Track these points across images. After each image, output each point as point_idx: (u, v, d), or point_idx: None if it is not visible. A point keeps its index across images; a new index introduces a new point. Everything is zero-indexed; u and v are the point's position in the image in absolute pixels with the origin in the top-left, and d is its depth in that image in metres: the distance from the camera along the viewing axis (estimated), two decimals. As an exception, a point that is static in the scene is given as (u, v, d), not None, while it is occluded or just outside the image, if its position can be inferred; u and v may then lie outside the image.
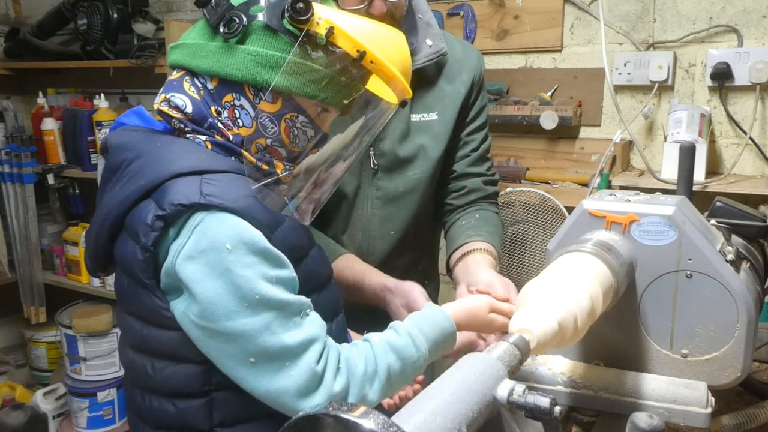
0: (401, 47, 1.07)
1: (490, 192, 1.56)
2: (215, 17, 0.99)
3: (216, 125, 1.03)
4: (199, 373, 1.01)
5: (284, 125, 1.03)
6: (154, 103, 1.06)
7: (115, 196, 1.01)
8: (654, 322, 1.01)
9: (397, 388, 1.04)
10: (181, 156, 0.99)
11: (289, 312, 0.96)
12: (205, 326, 0.94)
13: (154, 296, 0.99)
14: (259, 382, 0.95)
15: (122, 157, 1.03)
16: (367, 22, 1.04)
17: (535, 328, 0.79)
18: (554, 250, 1.04)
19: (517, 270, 2.05)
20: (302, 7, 0.95)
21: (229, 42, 0.99)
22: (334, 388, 0.96)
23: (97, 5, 2.78)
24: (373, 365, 1.00)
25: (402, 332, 1.03)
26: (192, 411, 1.02)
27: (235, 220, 0.95)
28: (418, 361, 1.02)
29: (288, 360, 0.94)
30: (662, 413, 0.96)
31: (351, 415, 0.53)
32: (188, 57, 1.03)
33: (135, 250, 0.97)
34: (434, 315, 1.06)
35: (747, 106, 2.00)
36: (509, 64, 2.34)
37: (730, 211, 1.20)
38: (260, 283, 0.93)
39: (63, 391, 2.93)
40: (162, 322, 1.00)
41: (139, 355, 1.05)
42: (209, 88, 1.03)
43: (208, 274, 0.93)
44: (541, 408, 0.66)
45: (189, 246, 0.94)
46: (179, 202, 0.94)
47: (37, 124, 3.05)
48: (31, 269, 3.14)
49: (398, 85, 1.04)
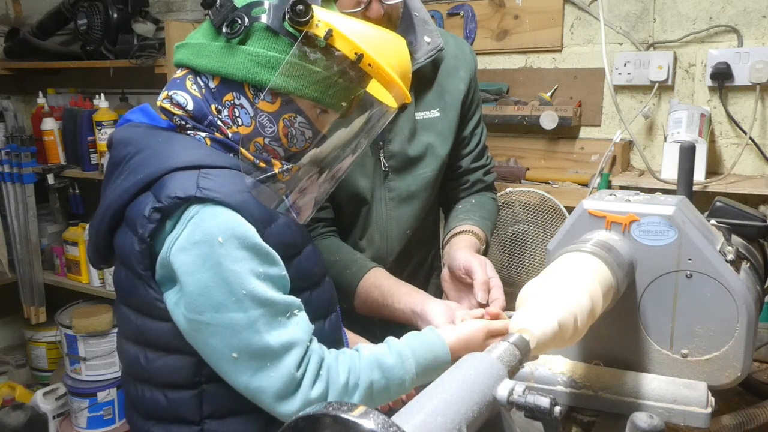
0: (401, 52, 1.08)
1: (489, 181, 1.62)
2: (219, 18, 1.01)
3: (216, 123, 1.05)
4: (190, 365, 1.03)
5: (282, 125, 1.04)
6: (158, 100, 1.08)
7: (117, 189, 1.04)
8: (654, 322, 1.01)
9: (378, 404, 1.05)
10: (180, 151, 1.01)
11: (275, 311, 0.97)
12: (192, 318, 0.96)
13: (149, 287, 1.01)
14: (239, 378, 0.97)
15: (125, 151, 1.06)
16: (367, 26, 1.05)
17: (535, 328, 0.79)
18: (554, 250, 1.04)
19: (517, 270, 2.04)
20: (302, 9, 0.97)
21: (231, 42, 1.01)
22: (311, 394, 0.97)
23: (97, 5, 2.78)
24: (356, 378, 1.01)
25: (393, 351, 1.04)
26: (182, 402, 1.04)
27: (229, 214, 0.96)
28: (404, 383, 1.04)
29: (269, 360, 0.96)
30: (662, 413, 0.96)
31: (351, 415, 0.53)
32: (192, 56, 1.05)
33: (133, 241, 1.00)
34: (431, 341, 1.07)
35: (747, 106, 2.00)
36: (509, 64, 2.34)
37: (730, 211, 1.20)
38: (249, 279, 0.95)
39: (63, 391, 2.93)
40: (156, 314, 1.02)
41: (134, 345, 1.07)
42: (211, 86, 1.05)
43: (199, 266, 0.95)
44: (541, 408, 0.66)
45: (183, 237, 0.96)
46: (176, 195, 0.96)
47: (37, 124, 3.04)
48: (31, 269, 3.14)
49: (397, 89, 1.05)
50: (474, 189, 1.58)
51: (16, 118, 3.28)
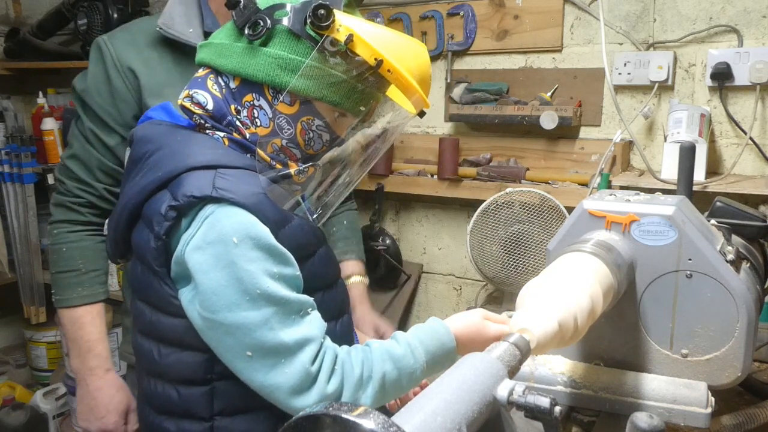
0: (421, 58, 1.08)
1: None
2: (242, 19, 1.02)
3: (234, 123, 1.06)
4: (202, 362, 1.04)
5: (300, 128, 1.05)
6: (179, 99, 1.09)
7: (135, 186, 1.05)
8: (654, 322, 1.01)
9: (391, 396, 1.06)
10: (198, 150, 1.03)
11: (288, 309, 0.98)
12: (206, 316, 0.98)
13: (164, 284, 1.03)
14: (254, 376, 0.98)
15: (144, 149, 1.07)
16: (388, 31, 1.05)
17: (536, 328, 0.79)
18: (554, 250, 1.04)
19: (517, 270, 2.05)
20: (323, 13, 0.98)
21: (253, 44, 1.02)
22: (327, 389, 0.98)
23: (97, 5, 2.78)
24: (369, 371, 1.02)
25: (402, 342, 1.05)
26: (194, 398, 1.06)
27: (244, 214, 0.98)
28: (414, 372, 1.04)
29: (283, 357, 0.97)
30: (662, 413, 0.96)
31: (351, 415, 0.53)
32: (214, 56, 1.06)
33: (149, 238, 1.02)
34: (436, 329, 1.08)
35: (747, 106, 2.00)
36: (509, 64, 2.34)
37: (730, 211, 1.20)
38: (262, 278, 0.96)
39: (63, 391, 2.93)
40: (170, 310, 1.03)
41: (147, 339, 1.09)
42: (231, 86, 1.06)
43: (214, 265, 0.96)
44: (541, 408, 0.66)
45: (198, 237, 0.97)
46: (192, 194, 0.98)
47: (37, 124, 3.04)
48: (31, 269, 3.14)
49: (415, 95, 1.06)
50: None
51: (16, 118, 3.27)
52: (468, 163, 2.35)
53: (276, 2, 1.02)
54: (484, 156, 2.34)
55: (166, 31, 1.40)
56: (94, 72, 1.45)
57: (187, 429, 1.07)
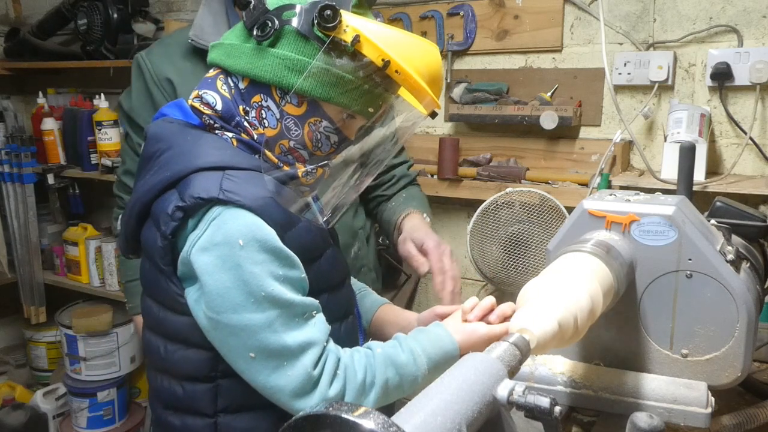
0: (431, 58, 1.07)
1: (413, 175, 1.78)
2: (251, 20, 1.02)
3: (242, 124, 1.06)
4: (207, 359, 1.05)
5: (307, 129, 1.05)
6: (188, 99, 1.10)
7: (145, 184, 1.06)
8: (654, 322, 1.01)
9: (392, 401, 1.06)
10: (206, 151, 1.03)
11: (293, 312, 0.98)
12: (211, 317, 0.98)
13: (170, 282, 1.04)
14: (257, 377, 0.99)
15: (156, 147, 1.08)
16: (397, 32, 1.04)
17: (536, 328, 0.79)
18: (554, 250, 1.04)
19: (517, 270, 2.04)
20: (330, 14, 0.97)
21: (261, 44, 1.02)
22: (329, 393, 0.98)
23: (97, 5, 2.78)
24: (372, 376, 1.02)
25: (405, 348, 1.06)
26: (198, 395, 1.07)
27: (250, 217, 0.98)
28: (416, 379, 1.05)
29: (286, 360, 0.97)
30: (662, 413, 0.96)
31: (351, 415, 0.53)
32: (224, 56, 1.06)
33: (156, 236, 1.02)
34: (440, 336, 1.08)
35: (747, 106, 2.00)
36: (509, 64, 2.33)
37: (730, 211, 1.20)
38: (268, 281, 0.96)
39: (63, 391, 2.93)
40: (176, 307, 1.04)
41: (155, 336, 1.10)
42: (240, 87, 1.06)
43: (219, 267, 0.96)
44: (541, 408, 0.66)
45: (204, 238, 0.98)
46: (199, 196, 0.98)
47: (37, 124, 3.05)
48: (31, 269, 3.14)
49: (425, 95, 1.05)
50: (401, 184, 1.70)
51: (16, 118, 3.28)
52: (468, 163, 2.35)
53: (285, 3, 1.02)
54: (484, 156, 2.34)
55: (197, 42, 1.48)
56: (136, 88, 1.58)
57: (191, 424, 1.08)
